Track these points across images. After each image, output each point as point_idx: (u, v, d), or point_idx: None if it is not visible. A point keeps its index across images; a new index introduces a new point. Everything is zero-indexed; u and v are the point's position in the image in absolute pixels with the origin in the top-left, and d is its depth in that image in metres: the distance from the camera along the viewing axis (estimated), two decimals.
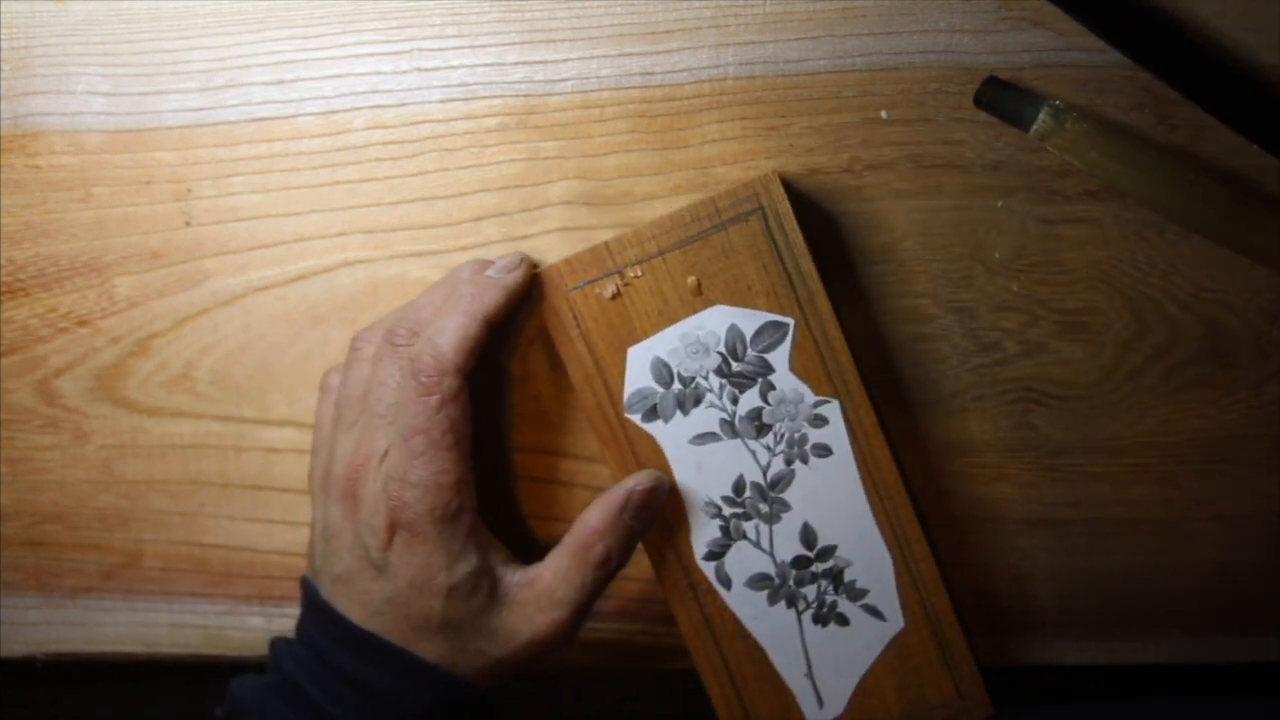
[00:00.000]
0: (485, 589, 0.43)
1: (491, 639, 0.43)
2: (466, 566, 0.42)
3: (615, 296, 0.44)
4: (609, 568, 0.43)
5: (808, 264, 0.44)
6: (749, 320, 0.44)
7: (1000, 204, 0.45)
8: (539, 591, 0.43)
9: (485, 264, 0.45)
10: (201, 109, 0.48)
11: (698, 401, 0.45)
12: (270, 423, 0.50)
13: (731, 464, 0.45)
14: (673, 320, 0.45)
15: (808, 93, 0.45)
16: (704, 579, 0.46)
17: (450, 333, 0.42)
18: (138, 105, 0.48)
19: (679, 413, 0.45)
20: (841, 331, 0.44)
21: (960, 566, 0.48)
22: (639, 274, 0.44)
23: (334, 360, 0.49)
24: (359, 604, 0.43)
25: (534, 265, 0.46)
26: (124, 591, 0.52)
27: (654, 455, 0.45)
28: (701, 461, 0.45)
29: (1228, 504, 0.47)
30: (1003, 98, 0.44)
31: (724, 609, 0.46)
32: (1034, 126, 0.43)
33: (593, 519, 0.43)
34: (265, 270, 0.49)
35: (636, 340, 0.45)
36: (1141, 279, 0.46)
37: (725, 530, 0.46)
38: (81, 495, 0.52)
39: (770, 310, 0.44)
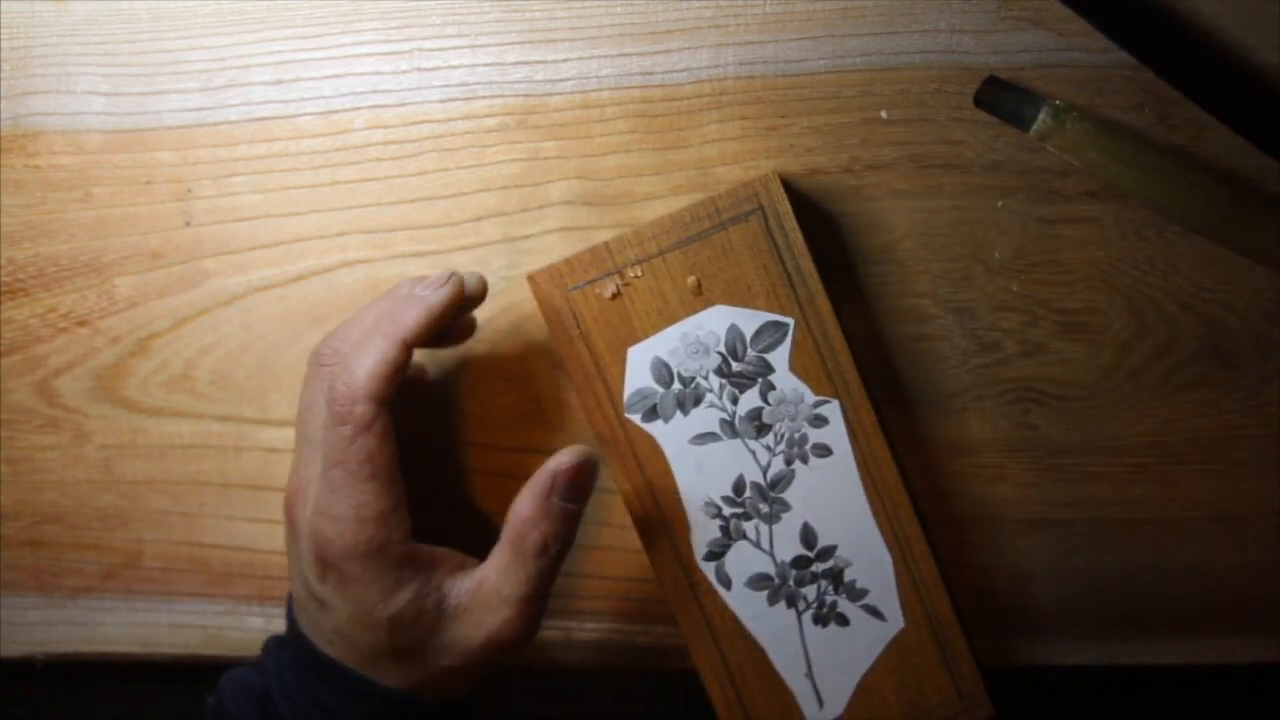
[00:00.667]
0: (431, 609, 0.41)
1: (447, 653, 0.42)
2: (404, 596, 0.41)
3: (615, 296, 0.44)
4: (549, 555, 0.41)
5: (808, 264, 0.44)
6: (749, 320, 0.44)
7: (1000, 204, 0.45)
8: (485, 594, 0.42)
9: (421, 281, 0.43)
10: (201, 109, 0.48)
11: (698, 401, 0.45)
12: (270, 423, 0.50)
13: (731, 464, 0.45)
14: (673, 320, 0.44)
15: (808, 93, 0.45)
16: (704, 579, 0.46)
17: (365, 358, 0.40)
18: (138, 105, 0.48)
19: (679, 413, 0.45)
20: (841, 331, 0.44)
21: (960, 566, 0.48)
22: (639, 274, 0.44)
23: None
24: (314, 628, 0.43)
25: (481, 283, 0.43)
26: (124, 591, 0.52)
27: (654, 455, 0.45)
28: (701, 461, 0.45)
29: (1228, 504, 0.47)
30: (1003, 98, 0.44)
31: (724, 609, 0.46)
32: (1034, 126, 0.43)
33: (523, 508, 0.41)
34: (265, 270, 0.49)
35: (636, 340, 0.45)
36: (1141, 279, 0.46)
37: (725, 530, 0.46)
38: (81, 495, 0.52)
39: (770, 310, 0.44)
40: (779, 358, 0.45)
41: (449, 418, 0.49)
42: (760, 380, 0.45)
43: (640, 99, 0.46)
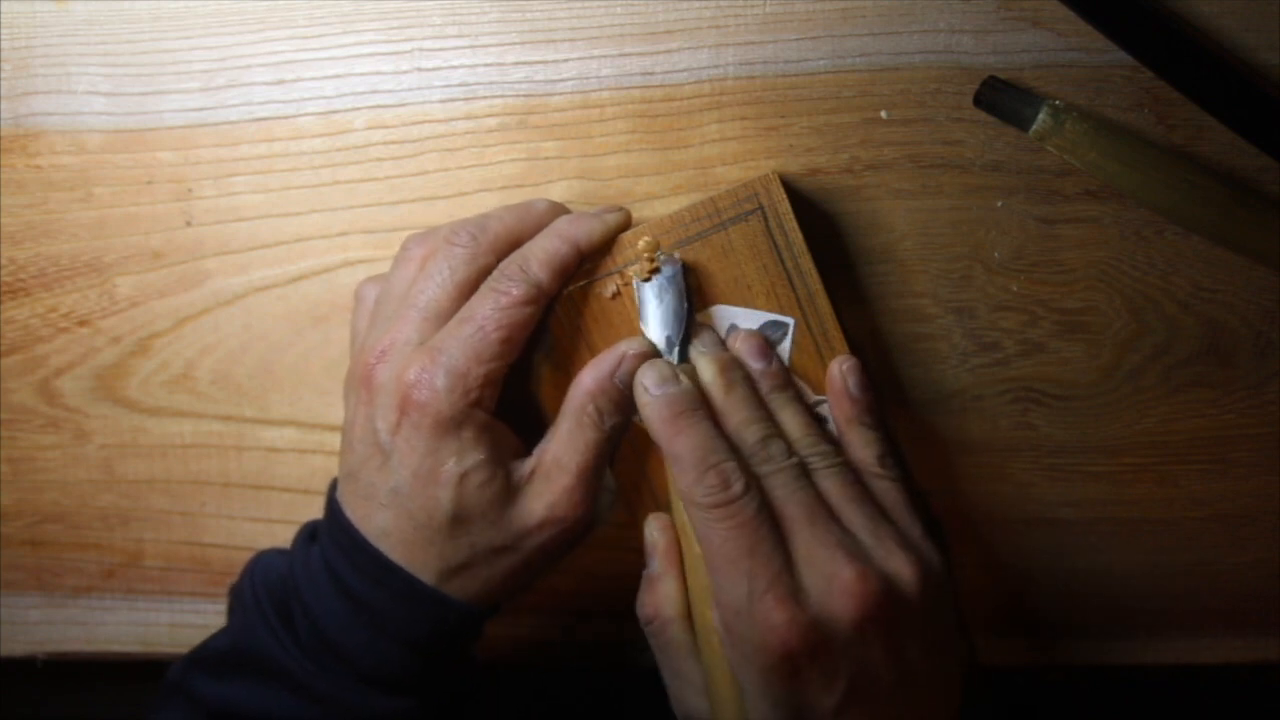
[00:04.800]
0: (501, 479, 0.41)
1: (505, 529, 0.42)
2: (477, 456, 0.41)
3: (615, 296, 0.44)
4: (604, 428, 0.42)
5: (807, 263, 0.44)
6: (749, 320, 0.44)
7: (1000, 204, 0.45)
8: (547, 464, 0.42)
9: (558, 205, 0.45)
10: (202, 109, 0.48)
11: None
12: (271, 422, 0.50)
13: None
14: None
15: (808, 93, 0.45)
16: None
17: (538, 246, 0.43)
18: (139, 105, 0.48)
19: None
20: (842, 331, 0.45)
21: (960, 566, 0.48)
22: (639, 272, 0.44)
23: (334, 360, 0.49)
24: (365, 499, 0.42)
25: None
26: (125, 591, 0.52)
27: (654, 457, 0.45)
28: None
29: (1228, 504, 0.47)
30: (1002, 98, 0.44)
31: None
32: (1033, 126, 0.43)
33: (586, 381, 0.42)
34: (266, 270, 0.49)
35: None
36: (1141, 279, 0.46)
37: None
38: (82, 495, 0.52)
39: (770, 310, 0.44)
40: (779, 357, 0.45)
41: None
42: None
43: (640, 99, 0.46)
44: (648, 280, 0.44)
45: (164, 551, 0.52)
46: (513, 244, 0.43)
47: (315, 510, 0.51)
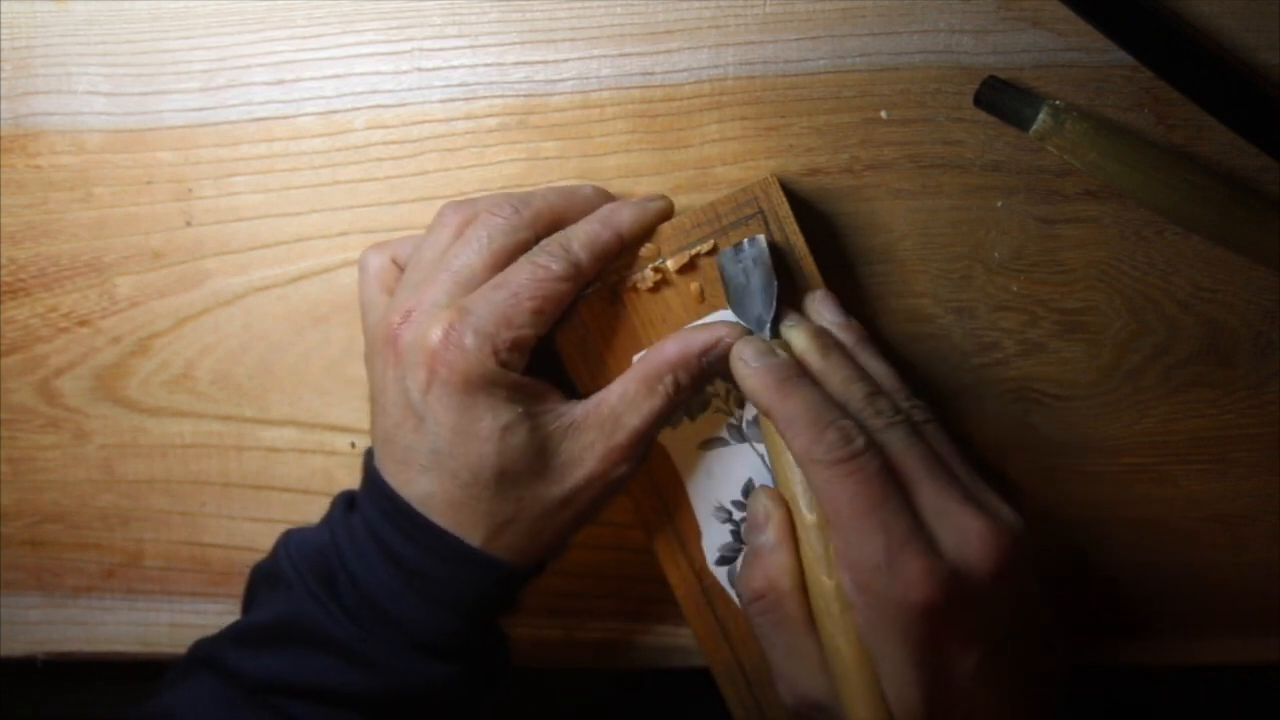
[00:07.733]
0: (541, 432, 0.41)
1: (552, 480, 0.41)
2: (515, 409, 0.40)
3: (618, 303, 0.44)
4: (674, 402, 0.42)
5: (809, 265, 0.44)
6: None
7: (1000, 204, 0.46)
8: (604, 415, 0.42)
9: (604, 191, 0.46)
10: (202, 109, 0.48)
11: (704, 407, 0.45)
12: (271, 422, 0.50)
13: (740, 468, 0.45)
14: (676, 326, 0.44)
15: (808, 93, 0.45)
16: (716, 584, 0.46)
17: (580, 229, 0.42)
18: (139, 105, 0.48)
19: (686, 419, 0.45)
20: None
21: None
22: (642, 280, 0.44)
23: (334, 360, 0.49)
24: (403, 463, 0.41)
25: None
26: (125, 591, 0.53)
27: (662, 461, 0.45)
28: (710, 467, 0.45)
29: (1228, 504, 0.47)
30: (1002, 98, 0.44)
31: (738, 613, 0.45)
32: (1034, 126, 0.43)
33: (670, 351, 0.42)
34: (266, 270, 0.49)
35: (641, 347, 0.44)
36: (1141, 279, 0.46)
37: (736, 534, 0.45)
38: (82, 495, 0.52)
39: None
40: None
41: None
42: None
43: (640, 99, 0.46)
44: (655, 289, 0.44)
45: (164, 551, 0.52)
46: (554, 223, 0.43)
47: (316, 510, 0.51)
